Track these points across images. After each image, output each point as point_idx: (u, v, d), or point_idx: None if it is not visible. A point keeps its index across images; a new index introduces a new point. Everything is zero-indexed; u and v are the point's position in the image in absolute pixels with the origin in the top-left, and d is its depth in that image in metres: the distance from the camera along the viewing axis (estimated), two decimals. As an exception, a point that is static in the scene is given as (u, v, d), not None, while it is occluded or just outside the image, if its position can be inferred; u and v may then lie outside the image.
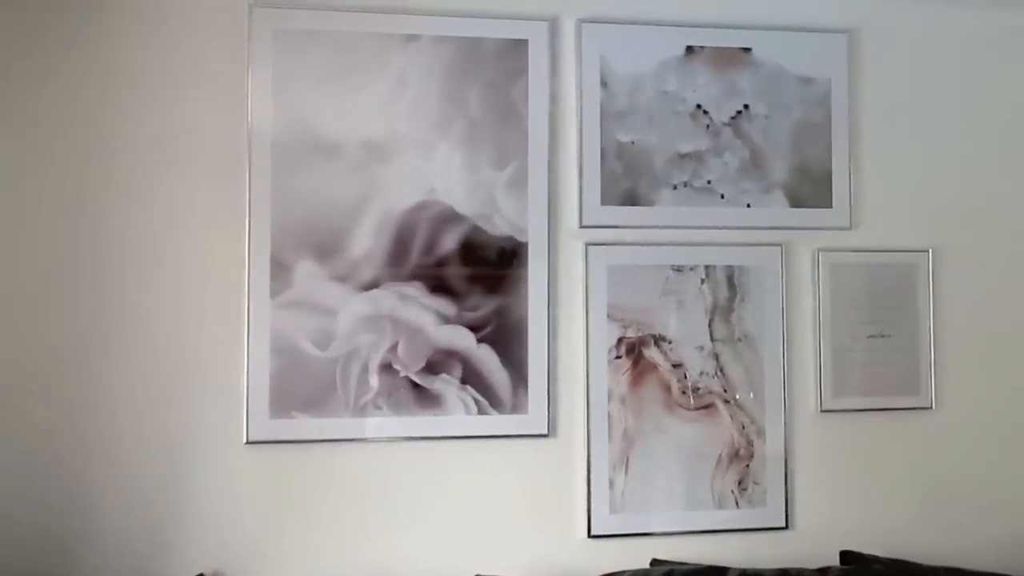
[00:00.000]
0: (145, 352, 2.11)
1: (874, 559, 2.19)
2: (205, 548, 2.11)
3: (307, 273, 2.15)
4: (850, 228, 2.39)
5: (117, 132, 2.12)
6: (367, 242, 2.18)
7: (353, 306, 2.17)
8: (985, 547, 2.40)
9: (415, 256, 2.20)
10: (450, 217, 2.22)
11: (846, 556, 2.24)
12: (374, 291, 2.17)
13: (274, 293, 2.13)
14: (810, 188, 2.38)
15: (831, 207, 2.39)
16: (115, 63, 2.13)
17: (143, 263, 2.12)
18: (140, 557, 2.08)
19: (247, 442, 2.11)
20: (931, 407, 2.41)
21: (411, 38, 2.22)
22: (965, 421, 2.44)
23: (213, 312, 2.13)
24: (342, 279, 2.17)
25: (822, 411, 2.36)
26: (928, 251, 2.43)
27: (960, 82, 2.49)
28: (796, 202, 2.37)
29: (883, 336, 2.40)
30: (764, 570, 2.11)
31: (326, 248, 2.16)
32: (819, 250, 2.38)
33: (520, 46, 2.26)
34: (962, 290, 2.46)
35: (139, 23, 2.14)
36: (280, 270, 2.14)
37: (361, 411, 2.16)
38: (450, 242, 2.21)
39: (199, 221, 2.14)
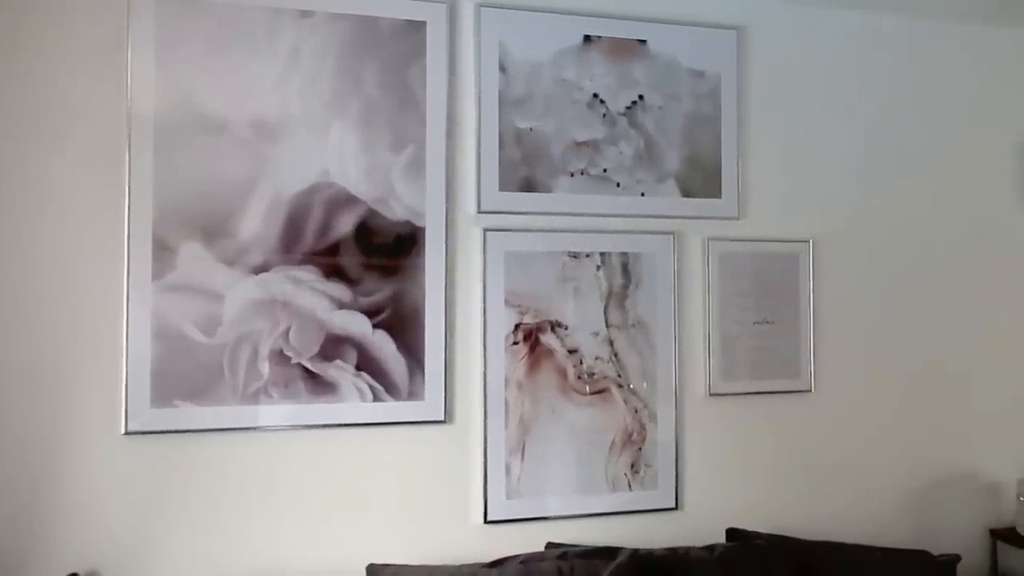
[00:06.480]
0: (14, 337, 1.97)
1: (756, 535, 2.29)
2: (80, 546, 2.00)
3: (192, 255, 2.06)
4: (738, 218, 2.48)
5: (-19, 102, 1.98)
6: (257, 225, 2.10)
7: (242, 290, 2.09)
8: (858, 522, 2.56)
9: (308, 239, 2.14)
10: (345, 200, 2.17)
11: (731, 533, 2.32)
12: (264, 275, 2.10)
13: (156, 276, 2.03)
14: (701, 178, 2.45)
15: (720, 197, 2.47)
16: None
17: (13, 243, 1.98)
18: (9, 556, 1.96)
19: (126, 432, 2.00)
20: (811, 390, 2.54)
21: (305, 13, 2.15)
22: (840, 403, 2.58)
23: (89, 295, 2.01)
24: (230, 262, 2.08)
25: (710, 395, 2.45)
26: (809, 241, 2.55)
27: (839, 81, 2.63)
28: (687, 192, 2.44)
29: (767, 322, 2.50)
30: (655, 549, 2.17)
31: (213, 230, 2.07)
32: (708, 239, 2.46)
33: (418, 28, 2.23)
34: (839, 279, 2.59)
35: (6, -15, 1.99)
36: (163, 252, 2.04)
37: (251, 399, 2.08)
38: (345, 226, 2.16)
39: (74, 199, 2.01)
